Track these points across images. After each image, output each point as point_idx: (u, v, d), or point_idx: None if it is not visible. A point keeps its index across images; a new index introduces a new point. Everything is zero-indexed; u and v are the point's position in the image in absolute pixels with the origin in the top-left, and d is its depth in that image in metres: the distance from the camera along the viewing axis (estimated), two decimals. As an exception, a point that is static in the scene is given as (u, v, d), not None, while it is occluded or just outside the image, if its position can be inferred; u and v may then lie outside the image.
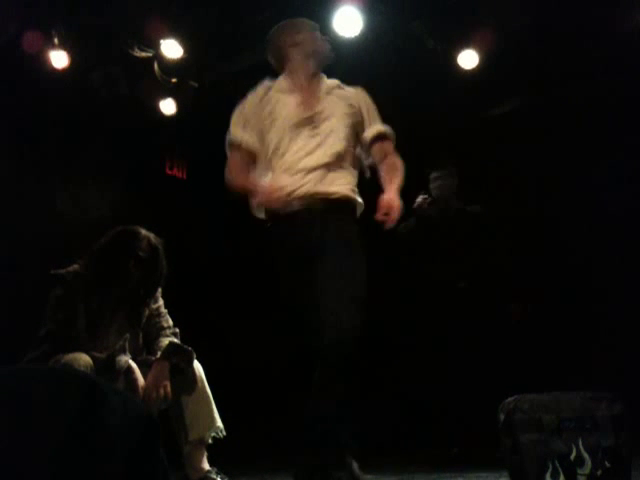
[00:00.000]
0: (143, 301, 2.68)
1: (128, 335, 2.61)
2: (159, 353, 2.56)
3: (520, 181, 4.70)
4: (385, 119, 2.61)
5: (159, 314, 2.73)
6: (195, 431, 2.56)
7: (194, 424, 2.57)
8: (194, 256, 4.73)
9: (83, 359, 2.32)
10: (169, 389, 2.46)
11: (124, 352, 2.53)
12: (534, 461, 1.89)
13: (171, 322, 2.76)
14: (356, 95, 2.63)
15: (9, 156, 4.22)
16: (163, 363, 2.51)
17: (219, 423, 2.61)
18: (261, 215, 2.53)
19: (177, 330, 2.74)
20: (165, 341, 2.62)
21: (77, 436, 0.91)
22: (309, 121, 2.49)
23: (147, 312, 2.70)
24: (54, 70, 4.15)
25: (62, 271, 2.56)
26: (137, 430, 0.98)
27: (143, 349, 2.69)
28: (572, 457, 1.89)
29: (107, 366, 2.40)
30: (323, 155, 2.43)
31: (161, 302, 2.77)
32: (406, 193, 2.48)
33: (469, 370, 3.59)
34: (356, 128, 2.57)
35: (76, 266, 2.60)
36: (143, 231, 2.66)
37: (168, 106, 4.66)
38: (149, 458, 0.99)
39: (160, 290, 2.77)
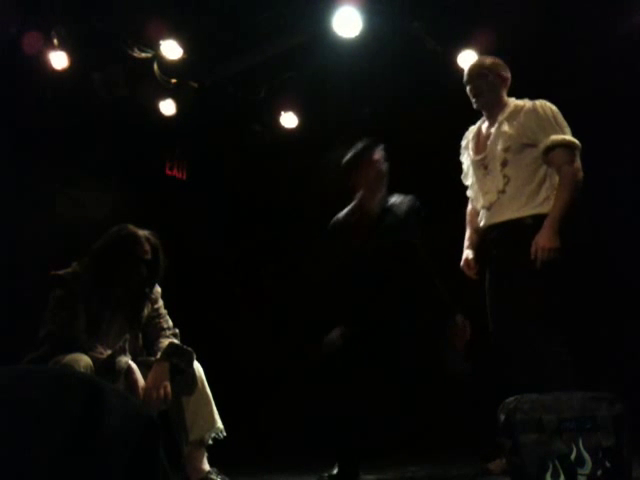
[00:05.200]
0: (144, 300, 2.68)
1: (128, 336, 2.62)
2: (159, 354, 2.56)
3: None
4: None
5: (159, 315, 2.74)
6: (195, 432, 2.56)
7: (194, 425, 2.57)
8: (194, 256, 4.73)
9: (83, 360, 2.32)
10: (169, 390, 2.46)
11: (124, 353, 2.53)
12: (534, 461, 1.88)
13: (171, 323, 2.76)
14: None
15: (9, 157, 4.22)
16: (163, 364, 2.51)
17: (219, 424, 2.61)
18: None
19: (177, 331, 2.74)
20: (165, 342, 2.62)
21: (77, 437, 0.91)
22: None
23: (147, 312, 2.71)
24: (54, 71, 4.15)
25: (62, 272, 2.56)
26: (137, 431, 0.98)
27: (143, 350, 2.69)
28: (572, 457, 1.89)
29: (107, 367, 2.40)
30: None
31: (161, 303, 2.77)
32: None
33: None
34: None
35: (76, 267, 2.60)
36: (140, 230, 2.67)
37: (168, 107, 4.67)
38: (149, 459, 0.99)
39: (160, 291, 2.77)
